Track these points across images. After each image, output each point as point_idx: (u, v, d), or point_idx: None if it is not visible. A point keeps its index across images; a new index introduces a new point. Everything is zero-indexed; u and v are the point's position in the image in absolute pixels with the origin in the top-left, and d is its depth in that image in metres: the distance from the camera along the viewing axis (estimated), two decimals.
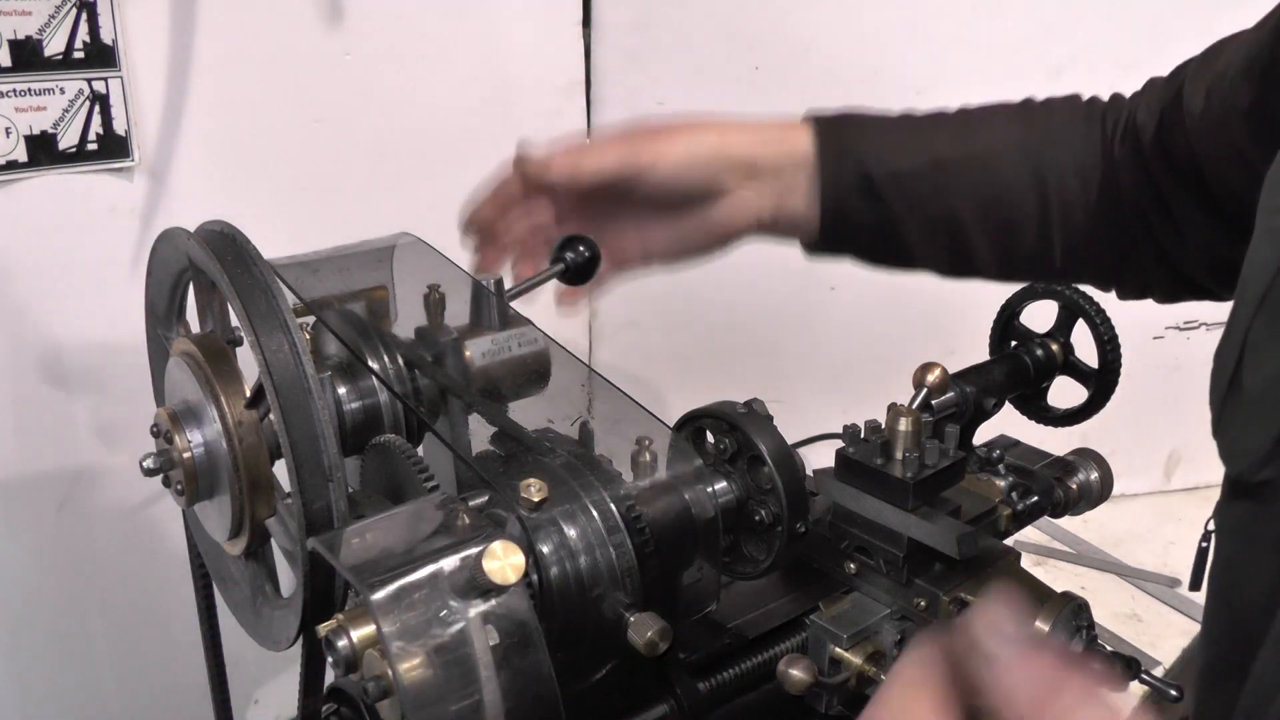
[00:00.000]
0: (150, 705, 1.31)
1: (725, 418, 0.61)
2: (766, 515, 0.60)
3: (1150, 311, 0.86)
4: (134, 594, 1.26)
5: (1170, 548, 1.69)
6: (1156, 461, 1.85)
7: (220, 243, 0.59)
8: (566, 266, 0.76)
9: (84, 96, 1.06)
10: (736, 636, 0.61)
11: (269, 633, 0.64)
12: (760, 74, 1.40)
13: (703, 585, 0.59)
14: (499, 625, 0.46)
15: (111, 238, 1.12)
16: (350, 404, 0.64)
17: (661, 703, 0.58)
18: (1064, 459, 0.77)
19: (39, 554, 1.19)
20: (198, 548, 0.74)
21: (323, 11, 1.17)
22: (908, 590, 0.61)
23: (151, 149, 1.12)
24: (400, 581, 0.46)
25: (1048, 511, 0.73)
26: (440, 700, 0.45)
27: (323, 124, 1.21)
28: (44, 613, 1.22)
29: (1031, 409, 0.83)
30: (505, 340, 0.67)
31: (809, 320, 1.56)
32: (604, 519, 0.54)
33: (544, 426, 0.63)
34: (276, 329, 0.56)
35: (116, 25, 1.05)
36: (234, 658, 0.81)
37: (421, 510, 0.52)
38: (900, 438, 0.61)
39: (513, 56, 1.31)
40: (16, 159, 1.05)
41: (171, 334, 0.70)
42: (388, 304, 0.73)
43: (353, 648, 0.46)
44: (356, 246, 0.77)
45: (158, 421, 0.63)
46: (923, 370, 0.68)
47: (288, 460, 0.55)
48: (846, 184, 0.79)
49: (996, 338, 0.83)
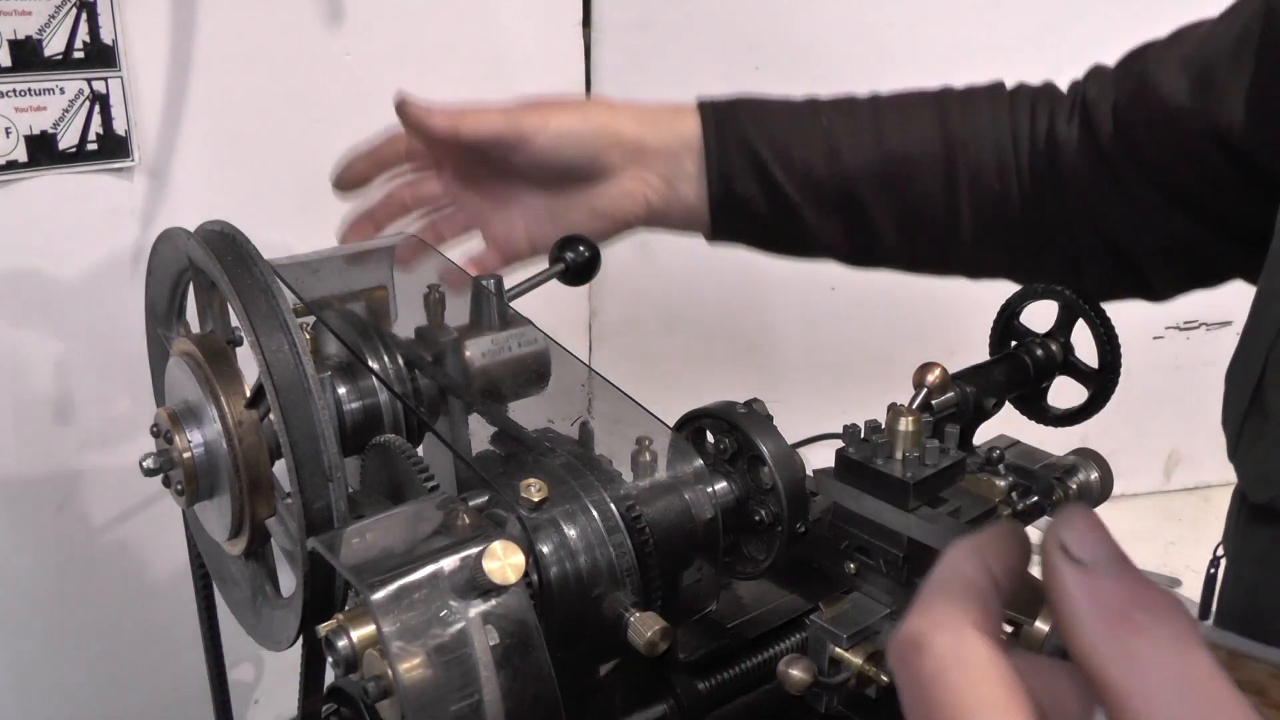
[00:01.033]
0: (150, 705, 1.31)
1: (725, 418, 0.61)
2: (766, 515, 0.60)
3: (1150, 311, 0.86)
4: (134, 594, 1.26)
5: (1170, 548, 1.70)
6: (1156, 461, 1.85)
7: (220, 243, 0.59)
8: (566, 266, 0.76)
9: (84, 96, 1.06)
10: (736, 636, 0.61)
11: (269, 633, 0.64)
12: (760, 74, 1.40)
13: (703, 585, 0.59)
14: (499, 625, 0.46)
15: (111, 238, 1.12)
16: (350, 404, 0.64)
17: (661, 703, 0.58)
18: (1064, 459, 0.77)
19: (39, 554, 1.19)
20: (198, 548, 0.74)
21: (323, 11, 1.17)
22: (908, 590, 0.61)
23: (151, 149, 1.12)
24: (400, 581, 0.46)
25: (1048, 511, 0.73)
26: (440, 700, 0.45)
27: (323, 124, 1.21)
28: (44, 613, 1.22)
29: (1031, 409, 0.83)
30: (505, 340, 0.67)
31: (809, 320, 1.56)
32: (604, 519, 0.54)
33: (544, 426, 0.63)
34: (276, 329, 0.56)
35: (116, 25, 1.05)
36: (234, 658, 0.81)
37: (421, 510, 0.52)
38: (900, 438, 0.61)
39: (513, 56, 1.31)
40: (16, 159, 1.05)
41: (171, 334, 0.70)
42: (388, 304, 0.73)
43: (353, 648, 0.46)
44: (356, 246, 0.77)
45: (158, 421, 0.63)
46: (923, 370, 0.68)
47: (288, 460, 0.55)
48: (735, 164, 0.78)
49: (996, 338, 0.83)
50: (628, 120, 0.79)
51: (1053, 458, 0.76)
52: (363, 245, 0.79)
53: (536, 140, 0.77)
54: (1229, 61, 0.67)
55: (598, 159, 0.78)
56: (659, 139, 0.79)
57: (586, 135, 0.77)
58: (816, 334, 1.57)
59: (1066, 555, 0.28)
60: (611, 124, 0.78)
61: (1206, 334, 1.72)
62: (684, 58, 1.40)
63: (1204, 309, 1.75)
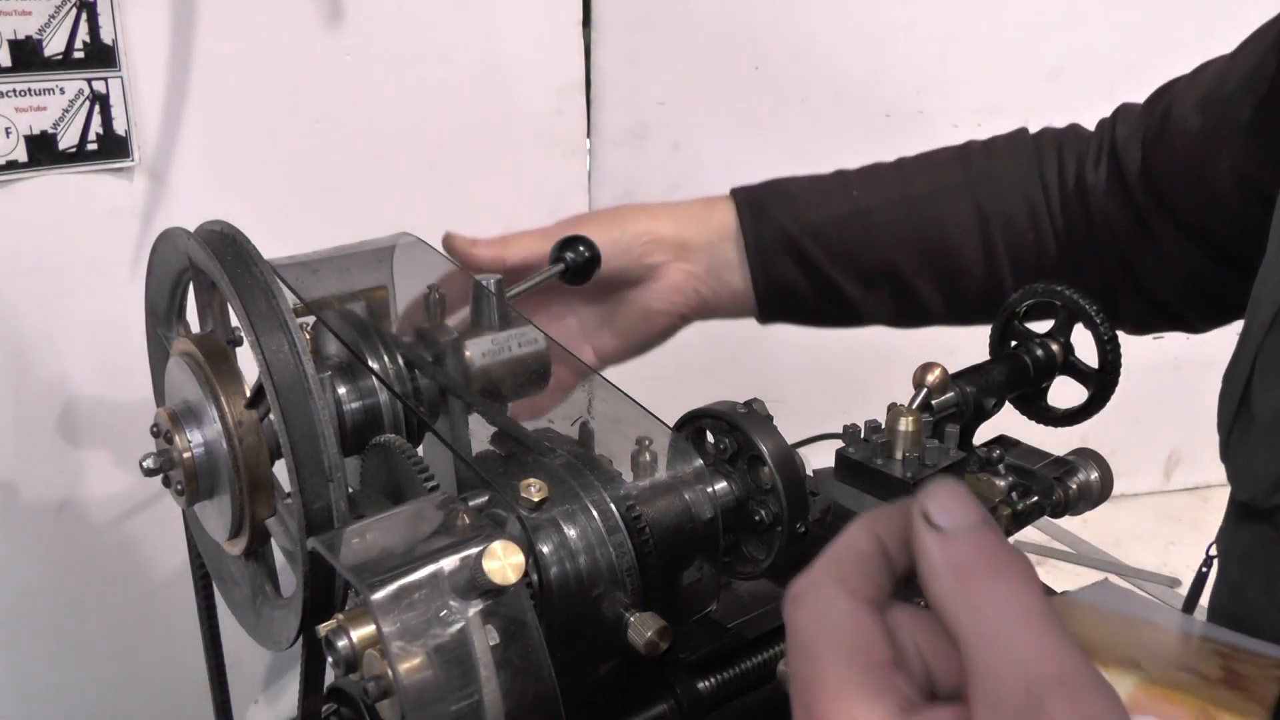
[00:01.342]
0: (150, 705, 1.31)
1: (725, 418, 0.61)
2: (766, 515, 0.60)
3: None
4: (134, 594, 1.26)
5: (1170, 548, 1.70)
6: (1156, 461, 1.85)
7: (220, 243, 0.59)
8: (567, 266, 0.76)
9: (84, 96, 1.06)
10: (736, 636, 0.61)
11: (269, 633, 0.64)
12: (760, 74, 1.40)
13: (703, 585, 0.59)
14: (499, 625, 0.46)
15: (111, 238, 1.12)
16: (350, 404, 0.64)
17: (661, 703, 0.58)
18: (1064, 459, 0.76)
19: (39, 554, 1.19)
20: (198, 548, 0.74)
21: (323, 11, 1.17)
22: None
23: (151, 149, 1.12)
24: (400, 581, 0.46)
25: (1048, 511, 0.73)
26: (440, 700, 0.45)
27: (323, 124, 1.21)
28: (44, 613, 1.22)
29: (1031, 409, 0.83)
30: (505, 340, 0.67)
31: None
32: (604, 519, 0.54)
33: (544, 426, 0.63)
34: (276, 329, 0.56)
35: (116, 25, 1.05)
36: (234, 658, 0.81)
37: (421, 510, 0.52)
38: (900, 438, 0.61)
39: (513, 57, 1.31)
40: (16, 159, 1.05)
41: (171, 334, 0.70)
42: (388, 304, 0.73)
43: (353, 648, 0.46)
44: (356, 246, 0.77)
45: (158, 421, 0.63)
46: (923, 370, 0.68)
47: (288, 460, 0.55)
48: (773, 251, 0.79)
49: (996, 338, 0.83)
50: (664, 221, 0.80)
51: (1053, 457, 0.76)
52: (363, 245, 0.79)
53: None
54: (1242, 98, 0.68)
55: (642, 261, 0.79)
56: (697, 234, 0.80)
57: (628, 243, 0.78)
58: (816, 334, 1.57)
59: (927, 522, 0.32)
60: (650, 227, 0.79)
61: (1206, 334, 1.72)
62: (684, 58, 1.40)
63: None
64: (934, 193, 0.78)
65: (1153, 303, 0.77)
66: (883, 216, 0.78)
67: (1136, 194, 0.74)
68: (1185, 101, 0.72)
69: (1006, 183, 0.78)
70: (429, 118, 1.27)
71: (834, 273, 0.79)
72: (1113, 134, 0.76)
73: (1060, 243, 0.77)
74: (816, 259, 0.78)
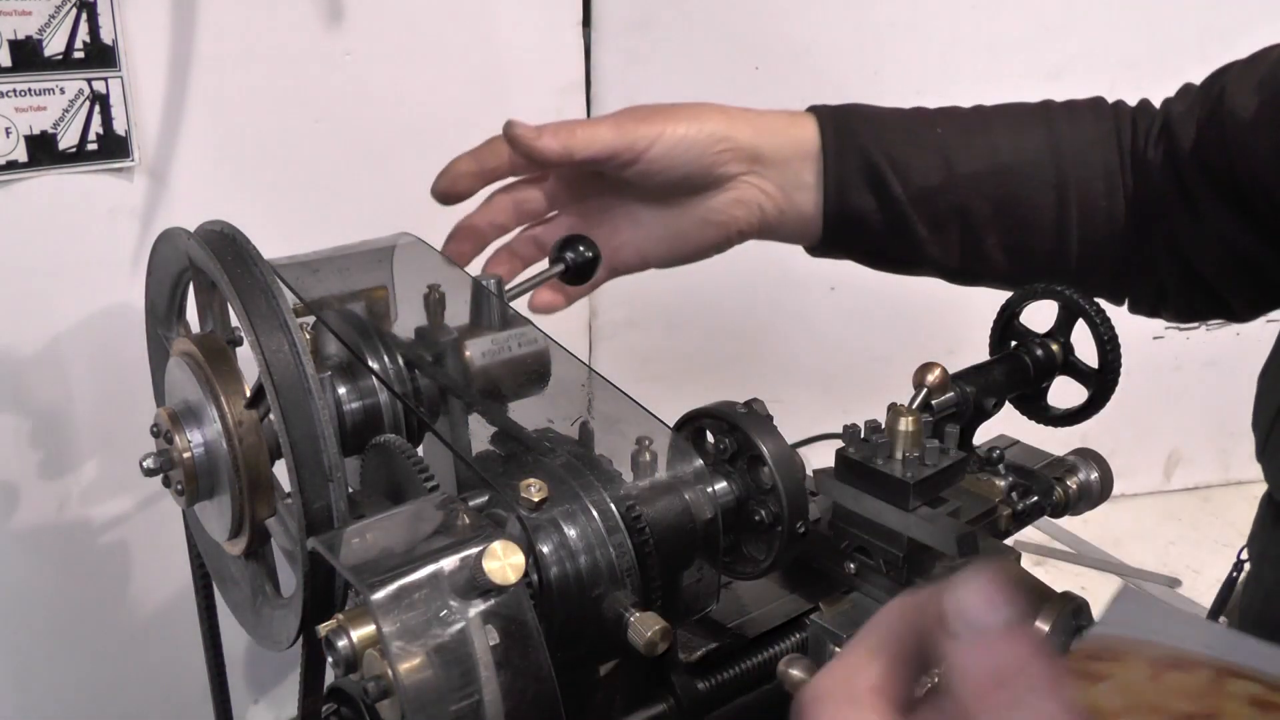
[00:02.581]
0: (150, 705, 1.31)
1: (725, 418, 0.61)
2: (766, 515, 0.60)
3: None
4: (134, 594, 1.26)
5: (1170, 548, 1.70)
6: (1156, 461, 1.85)
7: (220, 243, 0.59)
8: (567, 266, 0.76)
9: (84, 96, 1.06)
10: (736, 636, 0.61)
11: (269, 633, 0.64)
12: (760, 74, 1.40)
13: (703, 585, 0.59)
14: (499, 625, 0.46)
15: (111, 238, 1.12)
16: (350, 404, 0.64)
17: (661, 702, 0.58)
18: (1064, 459, 0.77)
19: (39, 554, 1.19)
20: (198, 548, 0.74)
21: (323, 11, 1.17)
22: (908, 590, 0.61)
23: (151, 149, 1.12)
24: (400, 581, 0.46)
25: (1048, 511, 0.73)
26: (440, 700, 0.45)
27: (323, 124, 1.21)
28: (44, 613, 1.22)
29: (1031, 409, 0.83)
30: (505, 340, 0.67)
31: (809, 320, 1.56)
32: (604, 519, 0.54)
33: (544, 426, 0.63)
34: (276, 329, 0.56)
35: (116, 25, 1.05)
36: (234, 658, 0.81)
37: (421, 510, 0.52)
38: (900, 438, 0.61)
39: (513, 56, 1.31)
40: (16, 159, 1.05)
41: (171, 334, 0.70)
42: (388, 304, 0.73)
43: (353, 648, 0.46)
44: (356, 246, 0.77)
45: (158, 421, 0.63)
46: (923, 370, 0.68)
47: (288, 460, 0.55)
48: (853, 176, 0.76)
49: (996, 338, 0.83)
50: (743, 127, 0.76)
51: (1053, 458, 0.76)
52: (363, 245, 0.79)
53: (651, 152, 0.74)
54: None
55: (714, 168, 0.75)
56: (775, 147, 0.76)
57: (702, 143, 0.74)
58: (816, 334, 1.57)
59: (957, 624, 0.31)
60: (728, 131, 0.75)
61: (1206, 334, 1.72)
62: (684, 58, 1.40)
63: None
64: (1018, 146, 0.76)
65: (1200, 286, 0.76)
66: (966, 158, 0.76)
67: (1185, 171, 0.73)
68: (1241, 84, 0.71)
69: (1087, 146, 0.76)
70: (429, 118, 1.26)
71: (909, 207, 0.75)
72: (1169, 111, 0.76)
73: (1128, 216, 0.75)
74: (895, 191, 0.75)
